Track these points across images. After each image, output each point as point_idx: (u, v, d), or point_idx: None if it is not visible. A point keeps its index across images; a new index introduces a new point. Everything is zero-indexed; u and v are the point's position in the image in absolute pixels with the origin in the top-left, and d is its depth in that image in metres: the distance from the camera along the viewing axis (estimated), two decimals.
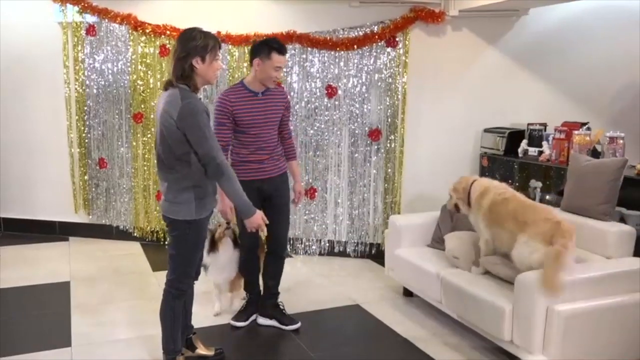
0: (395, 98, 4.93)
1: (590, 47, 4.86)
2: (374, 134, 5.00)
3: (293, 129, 5.09)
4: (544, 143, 4.32)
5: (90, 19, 5.28)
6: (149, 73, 5.23)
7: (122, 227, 5.53)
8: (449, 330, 3.65)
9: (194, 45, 2.68)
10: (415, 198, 5.04)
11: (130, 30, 5.20)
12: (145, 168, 5.38)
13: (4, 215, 5.80)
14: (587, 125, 4.09)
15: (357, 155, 5.06)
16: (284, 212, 3.64)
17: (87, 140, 5.50)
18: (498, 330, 3.08)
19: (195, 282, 3.06)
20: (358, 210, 5.14)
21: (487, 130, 4.84)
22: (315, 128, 5.08)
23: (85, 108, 5.44)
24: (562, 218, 3.16)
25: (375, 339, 3.61)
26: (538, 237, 3.07)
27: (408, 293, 4.20)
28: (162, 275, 2.97)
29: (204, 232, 2.95)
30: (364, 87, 4.96)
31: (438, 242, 4.01)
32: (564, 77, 4.91)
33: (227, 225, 3.63)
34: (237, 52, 5.05)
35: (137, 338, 3.48)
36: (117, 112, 5.37)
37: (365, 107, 4.99)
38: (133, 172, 5.42)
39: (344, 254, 5.21)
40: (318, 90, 5.02)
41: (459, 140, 4.99)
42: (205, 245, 3.39)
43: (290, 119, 3.90)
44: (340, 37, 4.91)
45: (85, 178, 5.57)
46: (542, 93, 4.92)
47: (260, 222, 2.91)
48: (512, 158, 4.56)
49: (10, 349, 3.32)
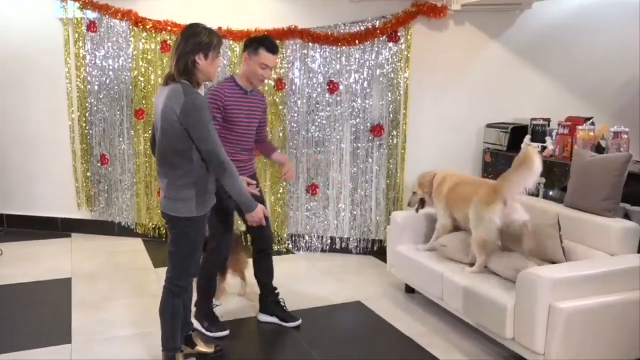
0: (398, 94, 4.89)
1: (595, 41, 4.80)
2: (376, 130, 4.97)
3: (295, 125, 5.08)
4: (548, 139, 4.27)
5: (91, 15, 5.27)
6: (150, 69, 5.22)
7: (124, 223, 5.53)
8: (451, 328, 3.63)
9: (199, 42, 2.67)
10: None
11: (131, 27, 5.18)
12: (147, 165, 5.38)
13: (7, 212, 5.81)
14: (591, 121, 4.04)
15: (359, 152, 5.03)
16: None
17: (88, 137, 5.49)
18: (500, 328, 3.05)
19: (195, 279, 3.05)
20: (360, 207, 5.11)
21: (490, 126, 4.80)
22: (317, 124, 5.05)
23: (87, 105, 5.43)
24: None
25: (376, 336, 3.59)
26: (481, 203, 3.42)
27: (410, 290, 4.18)
28: (163, 272, 2.95)
29: (204, 229, 2.93)
30: (366, 82, 4.93)
31: None
32: (568, 71, 4.85)
33: None
34: (238, 47, 5.02)
35: (136, 335, 3.47)
36: (118, 108, 5.36)
37: (367, 102, 4.95)
38: (135, 168, 5.41)
39: (347, 251, 5.19)
40: (320, 86, 5.00)
41: (462, 136, 4.95)
42: None
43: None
44: (342, 32, 4.88)
45: (88, 175, 5.57)
46: (545, 88, 4.87)
47: (262, 215, 2.94)
48: (515, 154, 4.48)
49: (11, 346, 3.32)
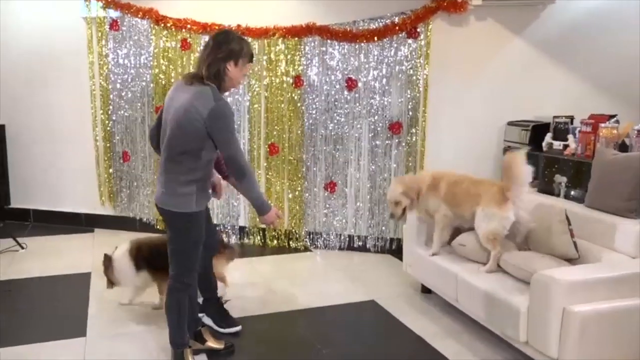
0: (417, 90, 4.83)
1: (620, 37, 4.63)
2: (395, 127, 4.91)
3: (313, 122, 5.07)
4: (570, 136, 4.14)
5: (114, 14, 5.35)
6: (171, 67, 5.27)
7: (145, 219, 5.61)
8: (465, 329, 3.56)
9: (231, 49, 2.70)
10: None
11: (152, 25, 5.24)
12: None
13: (33, 207, 5.96)
14: (615, 118, 3.90)
15: (377, 149, 4.98)
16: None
17: (111, 134, 5.58)
18: (513, 331, 2.98)
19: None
20: (378, 205, 5.07)
21: (511, 124, 4.68)
22: (335, 121, 5.02)
23: (109, 102, 5.52)
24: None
25: (388, 336, 3.55)
26: (491, 203, 3.41)
27: (426, 290, 4.12)
28: None
29: (203, 224, 2.92)
30: (385, 79, 4.87)
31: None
32: (592, 68, 4.70)
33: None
34: (257, 45, 5.03)
35: (150, 331, 3.51)
36: (139, 105, 5.43)
37: (386, 99, 4.90)
38: (155, 165, 5.48)
39: (364, 249, 5.15)
40: (338, 83, 4.96)
41: (482, 134, 4.85)
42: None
43: None
44: (361, 28, 4.84)
45: (110, 171, 5.67)
46: (568, 85, 4.74)
47: (274, 218, 2.95)
48: (536, 152, 4.40)
49: (26, 338, 3.39)
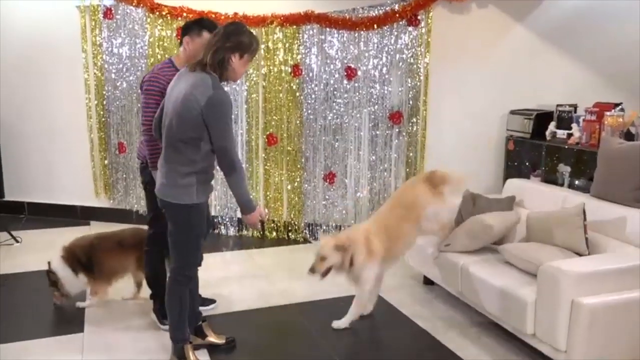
0: (417, 79, 4.75)
1: (624, 24, 4.56)
2: (395, 117, 4.84)
3: (312, 112, 4.99)
4: (574, 125, 4.08)
5: (107, 2, 5.24)
6: (167, 56, 5.14)
7: (141, 211, 5.52)
8: (469, 322, 3.52)
9: (240, 40, 2.65)
10: None
11: (147, 13, 5.13)
12: None
13: (28, 200, 5.87)
14: (620, 106, 3.84)
15: (377, 139, 4.92)
16: None
17: (106, 125, 5.48)
18: (520, 323, 2.93)
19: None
20: (379, 196, 5.00)
21: (513, 112, 4.63)
22: (334, 111, 4.94)
23: (104, 92, 5.42)
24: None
25: (392, 328, 3.50)
26: (434, 202, 3.43)
27: (428, 282, 4.07)
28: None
29: (205, 216, 2.85)
30: (385, 68, 4.80)
31: None
32: (596, 55, 4.64)
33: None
34: (254, 33, 4.91)
35: (148, 325, 3.45)
36: (135, 96, 5.33)
37: (386, 88, 4.82)
38: None
39: None
40: (337, 72, 4.88)
41: (484, 123, 4.79)
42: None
43: None
44: (360, 16, 4.75)
45: (105, 163, 5.58)
46: (571, 72, 4.67)
47: (257, 220, 2.85)
48: (539, 141, 4.34)
49: (22, 334, 3.33)
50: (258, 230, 5.23)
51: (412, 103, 4.80)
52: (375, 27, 4.72)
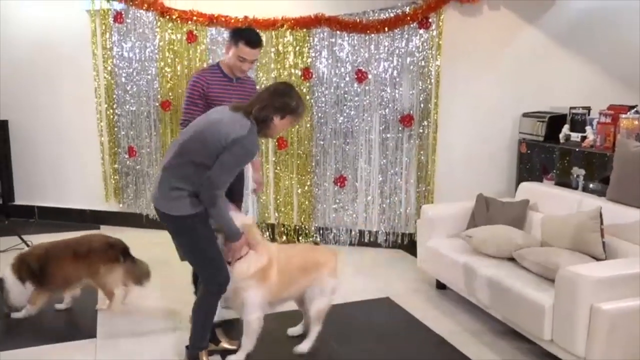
0: (428, 82, 4.72)
1: (637, 25, 4.50)
2: (406, 120, 4.82)
3: (322, 115, 4.97)
4: (588, 128, 4.05)
5: (118, 6, 5.25)
6: (177, 60, 5.17)
7: (151, 215, 5.52)
8: (484, 326, 3.48)
9: (287, 103, 2.70)
10: (449, 187, 4.84)
11: (157, 17, 5.13)
12: None
13: (38, 204, 5.88)
14: (635, 109, 3.81)
15: (388, 142, 4.89)
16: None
17: (116, 129, 5.49)
18: (537, 329, 2.90)
19: None
20: (389, 199, 4.98)
21: (526, 115, 4.59)
22: (345, 114, 4.92)
23: (114, 96, 5.42)
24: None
25: (405, 334, 3.47)
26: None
27: (441, 286, 4.04)
28: (189, 265, 2.89)
29: (208, 221, 2.77)
30: (395, 71, 4.77)
31: None
32: (610, 57, 4.59)
33: None
34: (264, 37, 4.90)
35: (161, 331, 3.43)
36: (145, 99, 5.33)
37: (397, 92, 4.80)
38: (161, 160, 5.38)
39: (375, 244, 5.07)
40: (347, 75, 4.86)
41: (496, 126, 4.75)
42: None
43: None
44: (371, 19, 4.73)
45: (115, 166, 5.58)
46: (585, 75, 4.62)
47: (237, 251, 2.82)
48: (552, 144, 4.31)
49: (36, 339, 3.32)
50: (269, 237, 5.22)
51: (423, 106, 4.78)
52: (386, 29, 4.70)
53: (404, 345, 3.33)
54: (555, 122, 4.33)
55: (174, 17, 5.07)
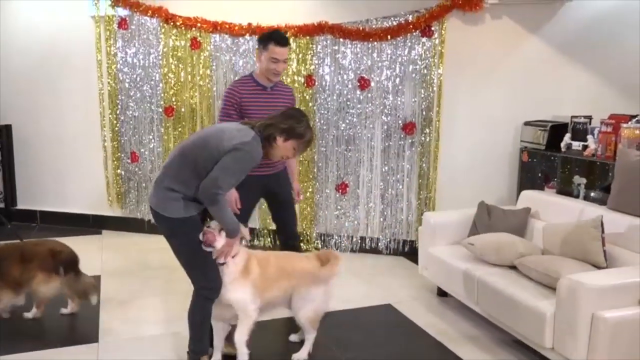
0: (431, 90, 4.75)
1: (639, 34, 4.55)
2: (408, 128, 4.84)
3: (325, 122, 4.99)
4: (589, 137, 4.07)
5: (122, 12, 5.28)
6: (180, 66, 5.20)
7: (153, 221, 5.51)
8: (485, 334, 3.49)
9: (294, 127, 2.73)
10: (451, 194, 4.85)
11: (162, 23, 5.17)
12: None
13: (40, 208, 5.89)
14: (637, 118, 3.82)
15: (390, 150, 4.91)
16: (291, 206, 3.61)
17: (119, 134, 5.51)
18: (538, 337, 2.90)
19: None
20: (391, 206, 4.99)
21: (527, 124, 4.61)
22: (347, 121, 4.95)
23: (118, 102, 5.45)
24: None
25: (407, 341, 3.47)
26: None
27: (442, 293, 4.05)
28: None
29: (199, 226, 2.78)
30: (398, 79, 4.80)
31: None
32: (611, 67, 4.62)
33: None
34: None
35: (164, 335, 3.44)
36: (148, 105, 5.36)
37: (399, 99, 4.82)
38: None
39: (376, 251, 5.08)
40: (350, 83, 4.89)
41: (498, 134, 4.78)
42: None
43: None
44: (374, 27, 4.76)
45: (118, 172, 5.60)
46: (587, 84, 4.65)
47: (229, 249, 2.80)
48: (554, 153, 4.33)
49: (38, 344, 3.32)
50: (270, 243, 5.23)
51: (425, 114, 4.80)
52: (389, 38, 4.73)
53: (405, 352, 3.33)
54: (557, 130, 4.34)
55: (178, 23, 5.11)
